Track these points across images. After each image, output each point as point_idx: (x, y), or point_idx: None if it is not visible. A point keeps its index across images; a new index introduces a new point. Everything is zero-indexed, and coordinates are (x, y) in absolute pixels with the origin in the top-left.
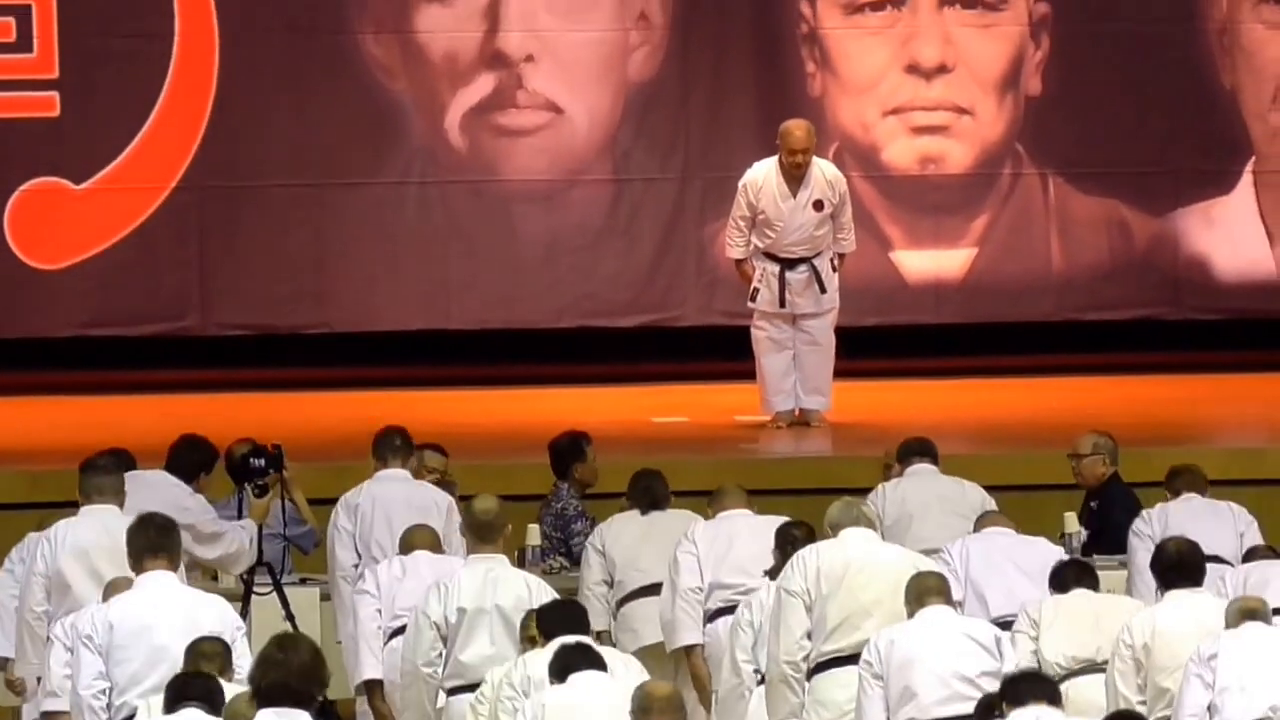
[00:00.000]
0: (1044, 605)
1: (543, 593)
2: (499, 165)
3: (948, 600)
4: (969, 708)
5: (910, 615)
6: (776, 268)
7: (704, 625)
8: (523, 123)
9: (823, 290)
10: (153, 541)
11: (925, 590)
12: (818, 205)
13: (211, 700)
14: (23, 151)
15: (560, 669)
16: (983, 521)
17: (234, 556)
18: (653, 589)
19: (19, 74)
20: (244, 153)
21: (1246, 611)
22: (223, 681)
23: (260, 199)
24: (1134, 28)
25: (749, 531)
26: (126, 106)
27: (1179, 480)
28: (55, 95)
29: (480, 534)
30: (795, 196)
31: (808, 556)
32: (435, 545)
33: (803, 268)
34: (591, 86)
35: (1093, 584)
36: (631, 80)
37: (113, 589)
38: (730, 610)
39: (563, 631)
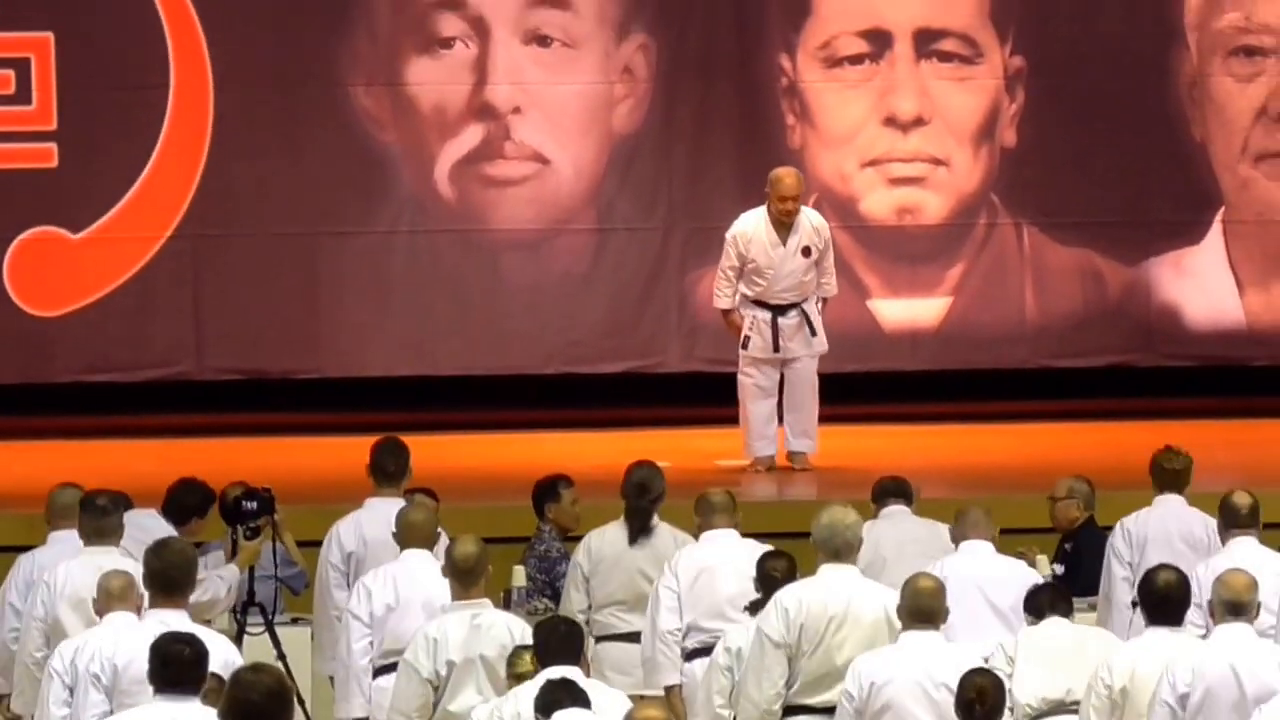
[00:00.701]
0: (1019, 642)
1: (526, 638)
2: (487, 215)
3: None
4: None
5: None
6: (768, 314)
7: (682, 664)
8: (510, 173)
9: (813, 334)
10: (169, 580)
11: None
12: (806, 252)
13: None
14: (22, 201)
15: (544, 705)
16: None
17: (208, 604)
18: (630, 636)
19: (18, 125)
20: (238, 202)
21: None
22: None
23: (254, 247)
24: (1107, 82)
25: (731, 567)
26: (123, 157)
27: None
28: (53, 146)
29: (462, 580)
30: (785, 244)
31: (790, 605)
32: (431, 531)
33: (793, 313)
34: (577, 138)
35: (1067, 610)
36: (616, 132)
37: (105, 595)
38: (707, 651)
39: (557, 659)
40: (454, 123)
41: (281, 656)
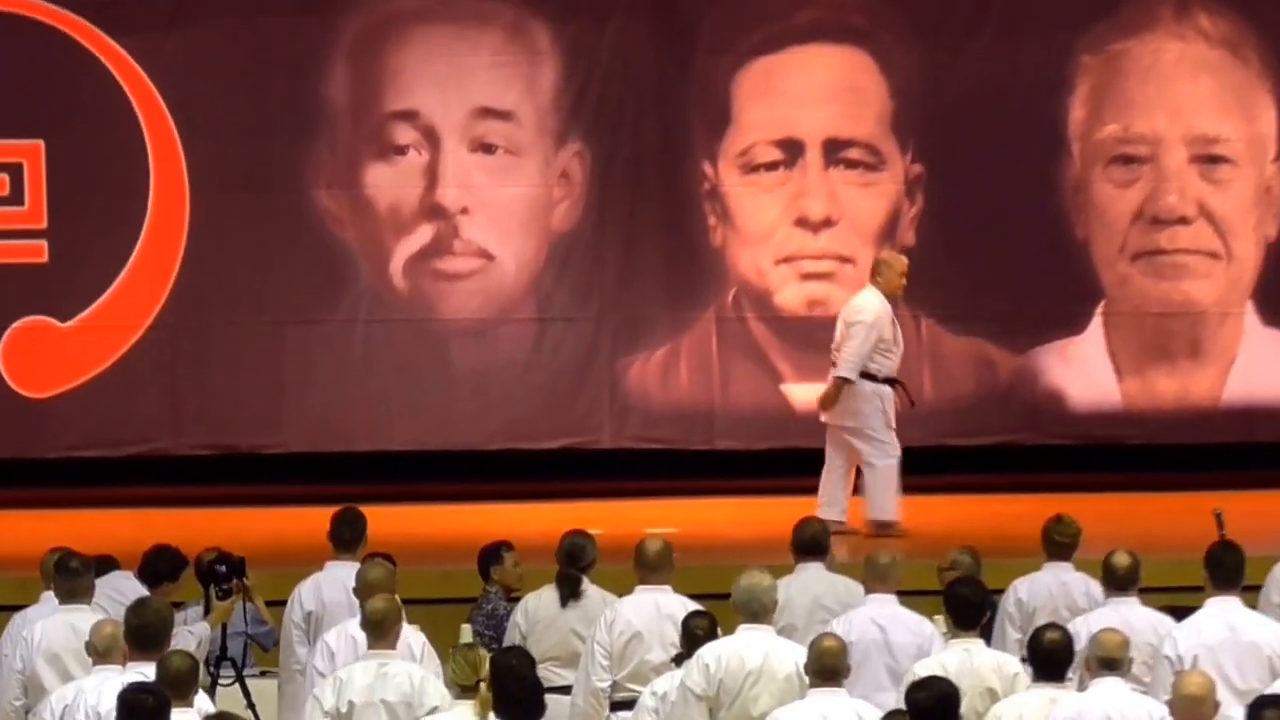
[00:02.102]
0: None
1: (426, 684)
2: (437, 305)
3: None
4: None
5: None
6: (887, 388)
7: (608, 715)
8: (458, 268)
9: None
10: (145, 637)
11: (819, 671)
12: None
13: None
14: (15, 293)
15: None
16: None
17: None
18: (564, 689)
19: (12, 224)
20: (212, 294)
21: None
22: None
23: (226, 334)
24: (998, 186)
25: (658, 631)
26: (107, 253)
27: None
28: (44, 243)
29: (373, 632)
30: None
31: (710, 661)
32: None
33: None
34: (519, 236)
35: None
36: (554, 231)
37: (93, 649)
38: (631, 705)
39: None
40: (407, 222)
41: (251, 706)
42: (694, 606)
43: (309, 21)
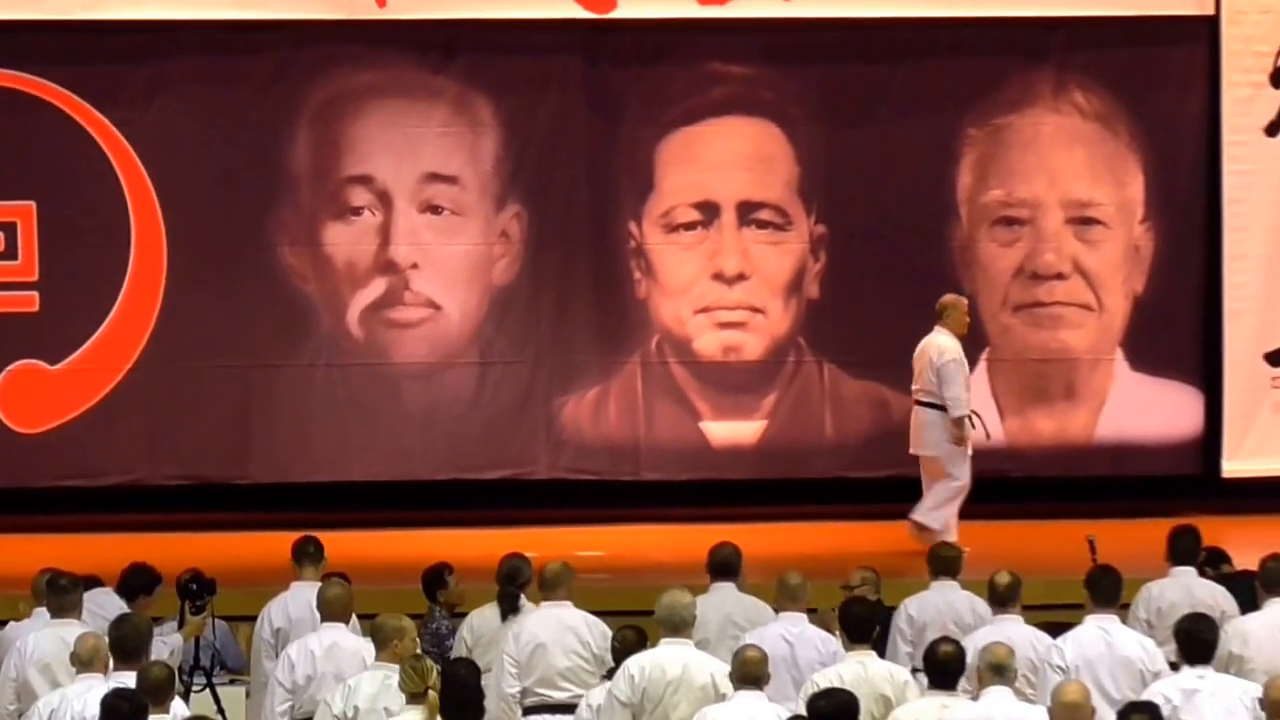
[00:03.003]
0: None
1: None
2: (389, 351)
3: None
4: None
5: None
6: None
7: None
8: (408, 317)
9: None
10: (126, 648)
11: (742, 678)
12: None
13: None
14: (9, 339)
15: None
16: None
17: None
18: None
19: (6, 277)
20: (186, 340)
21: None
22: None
23: (199, 377)
24: (893, 245)
25: (560, 641)
26: (92, 304)
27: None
28: (36, 294)
29: (379, 645)
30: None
31: (635, 672)
32: (348, 604)
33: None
34: (463, 289)
35: None
36: (495, 284)
37: (77, 659)
38: (540, 709)
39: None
40: (363, 276)
41: (221, 711)
42: (591, 619)
43: (274, 94)
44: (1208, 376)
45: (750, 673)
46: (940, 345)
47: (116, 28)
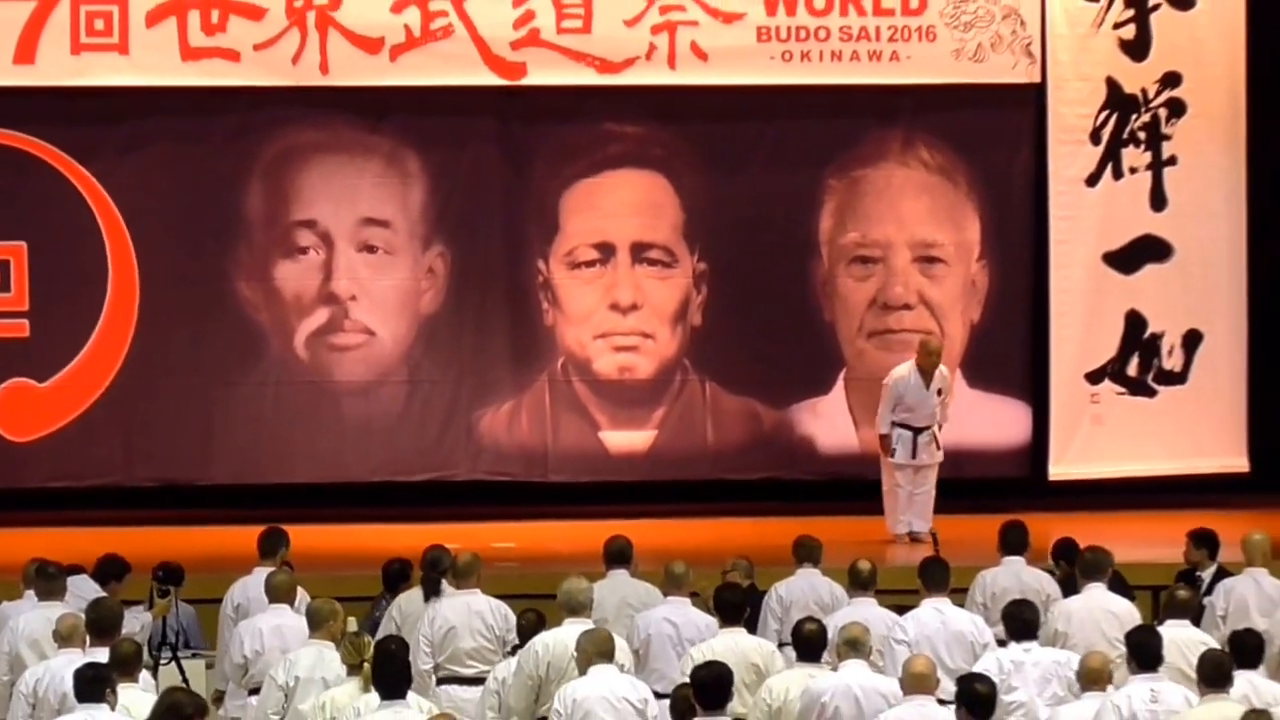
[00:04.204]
0: None
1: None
2: (331, 371)
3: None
4: None
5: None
6: (910, 434)
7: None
8: (348, 342)
9: (939, 448)
10: (101, 627)
11: (598, 654)
12: (939, 393)
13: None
14: (3, 361)
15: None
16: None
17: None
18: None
19: (1, 307)
20: (157, 362)
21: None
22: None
23: (167, 393)
24: (765, 280)
25: (468, 624)
26: (75, 330)
27: (802, 553)
28: (26, 322)
29: (312, 623)
30: (928, 388)
31: (539, 649)
32: (292, 589)
33: (927, 433)
34: (394, 318)
35: None
36: (422, 313)
37: (59, 636)
38: (450, 680)
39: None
40: (308, 306)
41: (185, 680)
42: (496, 604)
43: (233, 150)
44: (1035, 393)
45: (605, 649)
46: (892, 371)
47: (97, 93)
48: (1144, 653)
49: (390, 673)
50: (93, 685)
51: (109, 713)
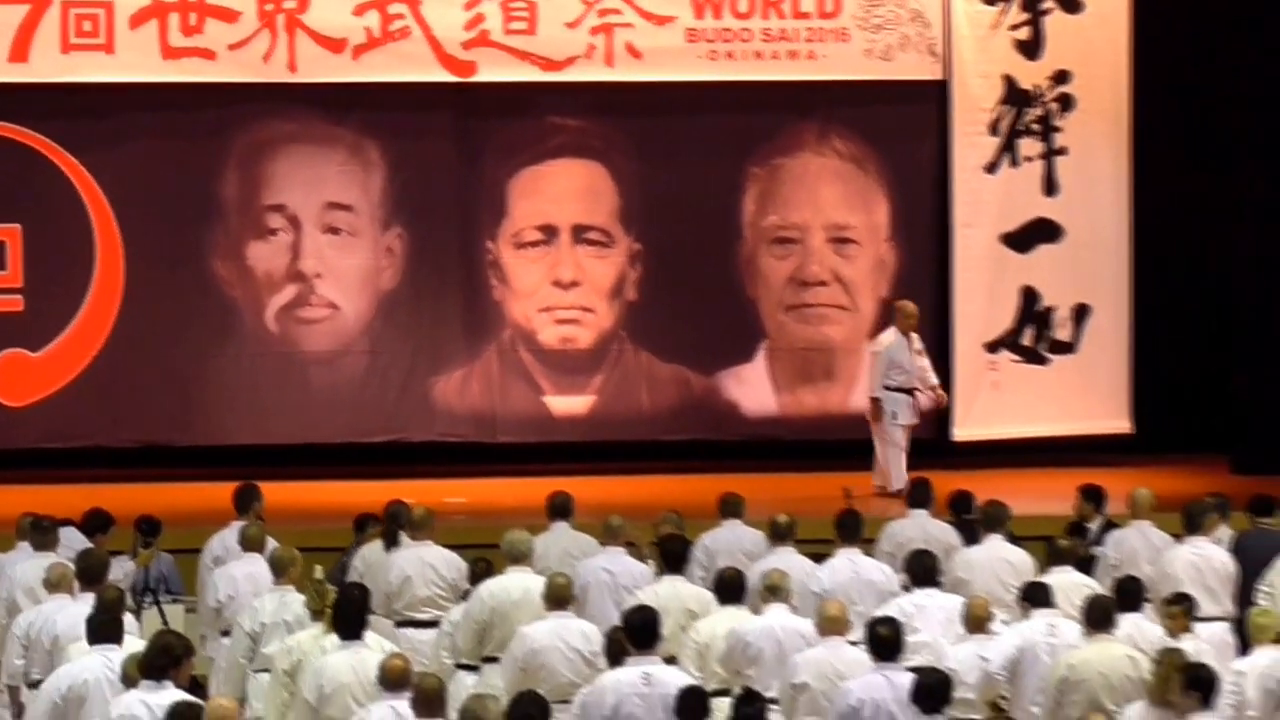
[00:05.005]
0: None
1: (303, 611)
2: (299, 342)
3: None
4: (580, 680)
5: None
6: (907, 396)
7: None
8: (314, 316)
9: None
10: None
11: (554, 601)
12: (919, 353)
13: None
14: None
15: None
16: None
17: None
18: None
19: None
20: (140, 335)
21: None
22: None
23: (150, 362)
24: (694, 259)
25: (422, 574)
26: (66, 305)
27: (726, 508)
28: (21, 298)
29: (275, 571)
30: (909, 350)
31: (484, 595)
32: (263, 540)
33: (912, 395)
34: (357, 294)
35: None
36: (382, 289)
37: (49, 583)
38: (408, 625)
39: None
40: (278, 283)
41: (165, 623)
42: (449, 556)
43: (209, 141)
44: (940, 361)
45: (556, 595)
46: (877, 339)
47: (86, 89)
48: (1038, 595)
49: (349, 616)
50: (107, 627)
51: (119, 650)
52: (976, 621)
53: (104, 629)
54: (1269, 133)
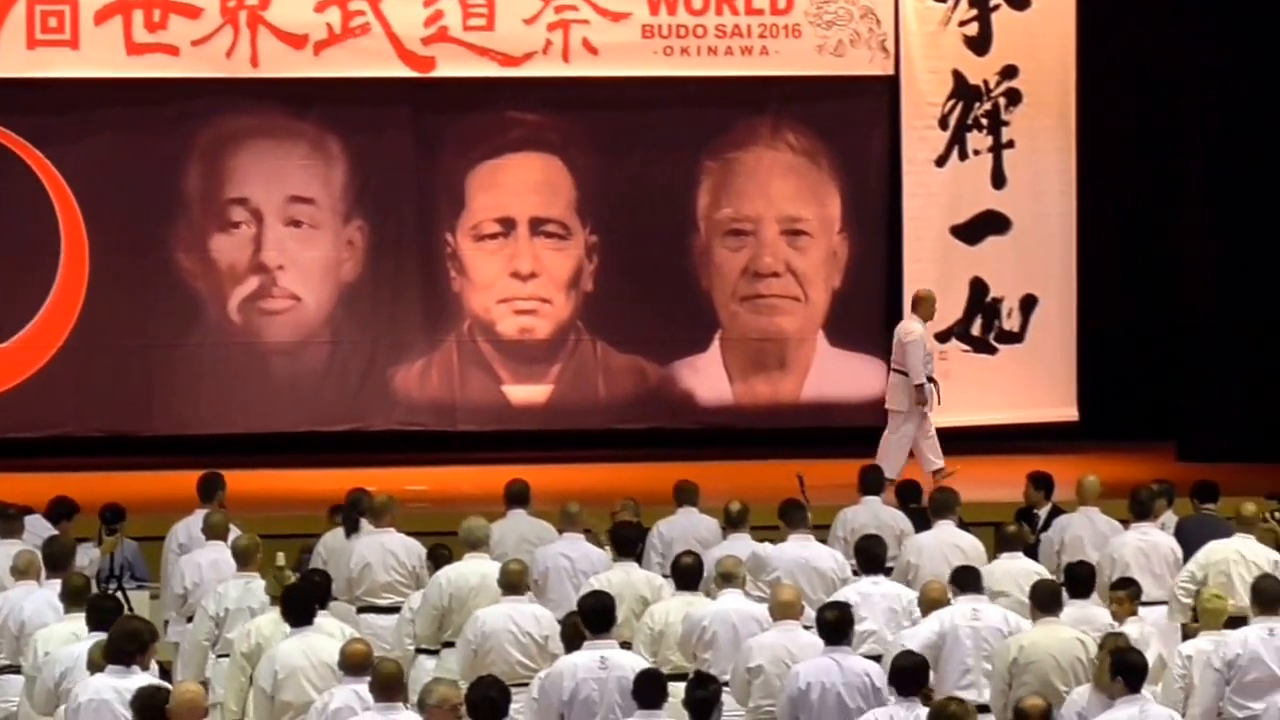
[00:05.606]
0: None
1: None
2: (261, 333)
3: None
4: (531, 663)
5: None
6: (932, 384)
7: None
8: (276, 307)
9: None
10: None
11: (508, 587)
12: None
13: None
14: None
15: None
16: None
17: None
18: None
19: None
20: (105, 325)
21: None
22: None
23: (115, 353)
24: (649, 251)
25: (382, 560)
26: (32, 296)
27: (681, 495)
28: None
29: (239, 560)
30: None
31: (443, 581)
32: (226, 528)
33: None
34: (318, 285)
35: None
36: (343, 281)
37: (15, 570)
38: (369, 610)
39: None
40: (240, 275)
41: (130, 608)
42: (409, 543)
43: (173, 135)
44: (890, 351)
45: (510, 581)
46: (908, 328)
47: (51, 85)
48: (965, 580)
49: (296, 602)
50: (124, 644)
51: (140, 674)
52: (933, 605)
53: (119, 650)
54: (1212, 125)
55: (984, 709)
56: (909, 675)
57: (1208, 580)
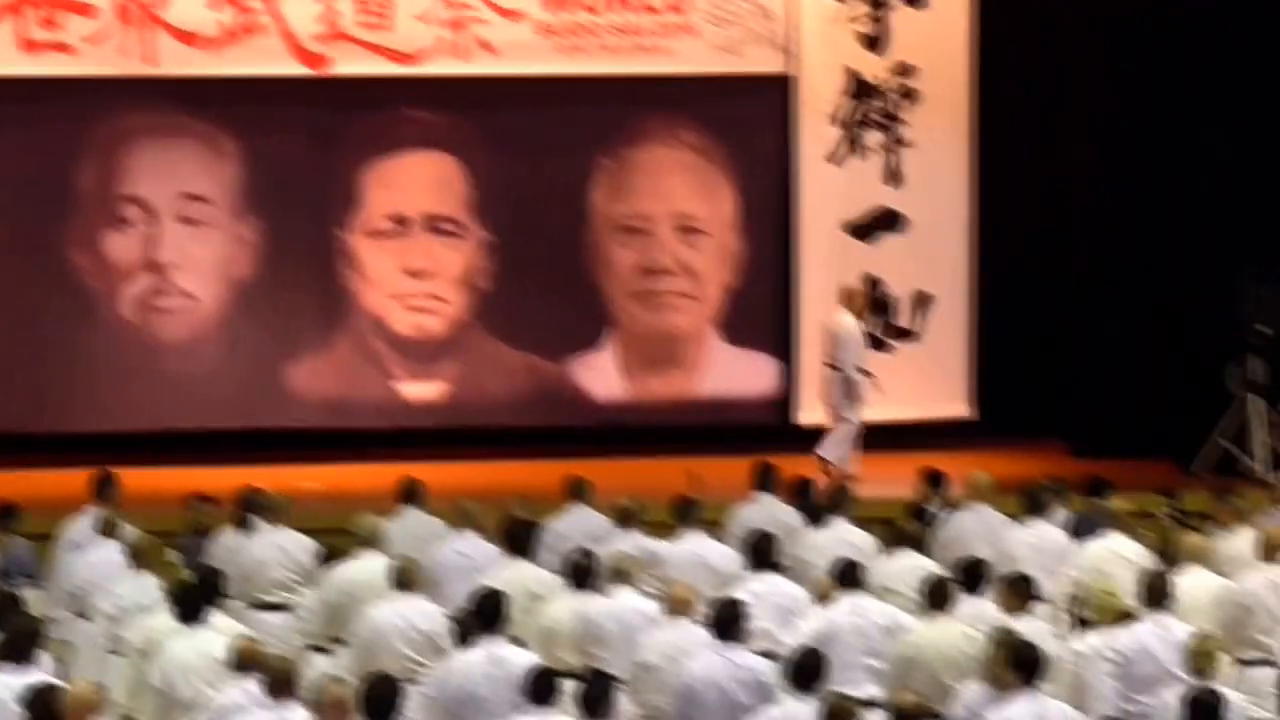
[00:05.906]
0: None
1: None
2: (156, 331)
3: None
4: (422, 660)
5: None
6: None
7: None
8: (170, 305)
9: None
10: None
11: (400, 585)
12: None
13: None
14: None
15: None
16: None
17: None
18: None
19: None
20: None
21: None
22: None
23: (6, 350)
24: (543, 249)
25: (276, 558)
26: None
27: (573, 492)
28: None
29: (131, 557)
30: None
31: (335, 578)
32: (119, 526)
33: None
34: (212, 283)
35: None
36: (237, 279)
37: None
38: (260, 607)
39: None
40: (134, 273)
41: (25, 605)
42: (303, 541)
43: (67, 131)
44: (784, 348)
45: (404, 579)
46: (840, 323)
47: None
48: (847, 576)
49: (186, 600)
50: (18, 642)
51: (34, 672)
52: (820, 602)
53: (12, 648)
54: (1107, 125)
55: (868, 704)
56: (807, 672)
57: (1090, 578)
